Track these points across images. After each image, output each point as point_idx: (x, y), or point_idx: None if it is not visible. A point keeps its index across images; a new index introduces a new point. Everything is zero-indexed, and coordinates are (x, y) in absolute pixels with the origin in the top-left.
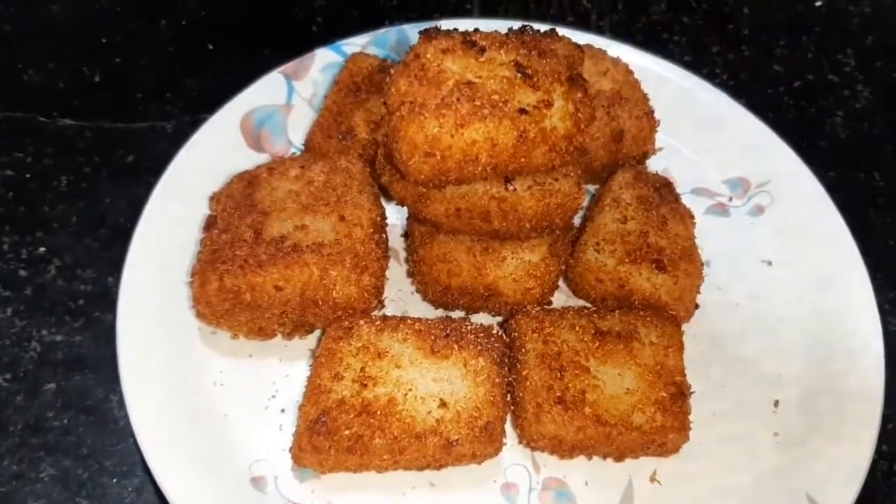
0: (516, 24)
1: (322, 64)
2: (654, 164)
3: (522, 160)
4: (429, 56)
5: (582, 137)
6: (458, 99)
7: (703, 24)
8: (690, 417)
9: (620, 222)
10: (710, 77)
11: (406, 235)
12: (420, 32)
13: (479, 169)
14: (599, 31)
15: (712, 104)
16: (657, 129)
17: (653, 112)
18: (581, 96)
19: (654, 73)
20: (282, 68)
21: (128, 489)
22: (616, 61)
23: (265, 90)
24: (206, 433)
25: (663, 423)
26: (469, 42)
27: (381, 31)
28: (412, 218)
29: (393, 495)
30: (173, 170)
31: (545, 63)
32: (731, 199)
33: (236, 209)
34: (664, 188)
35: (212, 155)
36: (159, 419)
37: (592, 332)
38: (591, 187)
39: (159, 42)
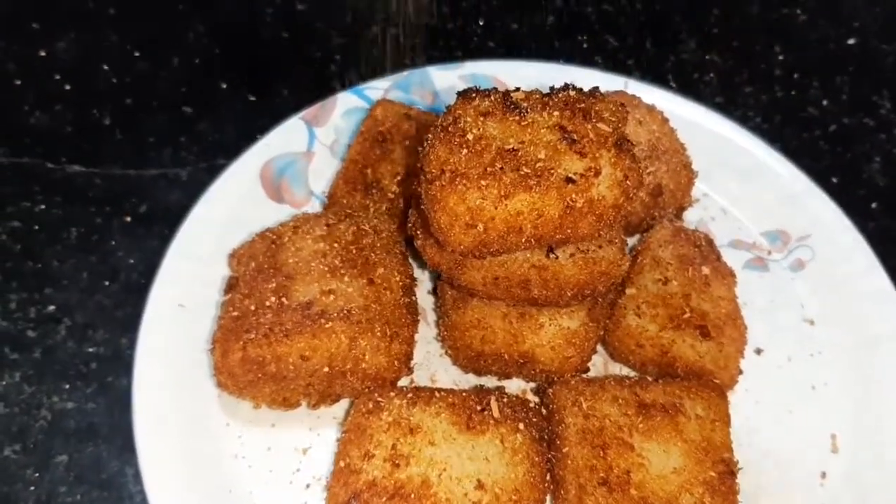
0: (550, 74)
1: (344, 109)
2: (689, 215)
3: (568, 231)
4: (468, 120)
5: (630, 205)
6: (501, 168)
7: (734, 63)
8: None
9: (661, 283)
10: (743, 120)
11: (435, 292)
12: (458, 94)
13: (523, 240)
14: (627, 72)
15: (749, 151)
16: (694, 182)
17: (691, 164)
18: (629, 163)
19: (686, 118)
20: (302, 114)
21: None
22: (651, 109)
23: (285, 137)
24: None
25: None
26: (510, 104)
27: (404, 73)
28: (445, 281)
29: None
30: (190, 225)
31: (591, 127)
32: (770, 252)
33: (259, 272)
34: (705, 246)
35: (230, 207)
36: (178, 496)
37: (636, 405)
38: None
39: (171, 82)
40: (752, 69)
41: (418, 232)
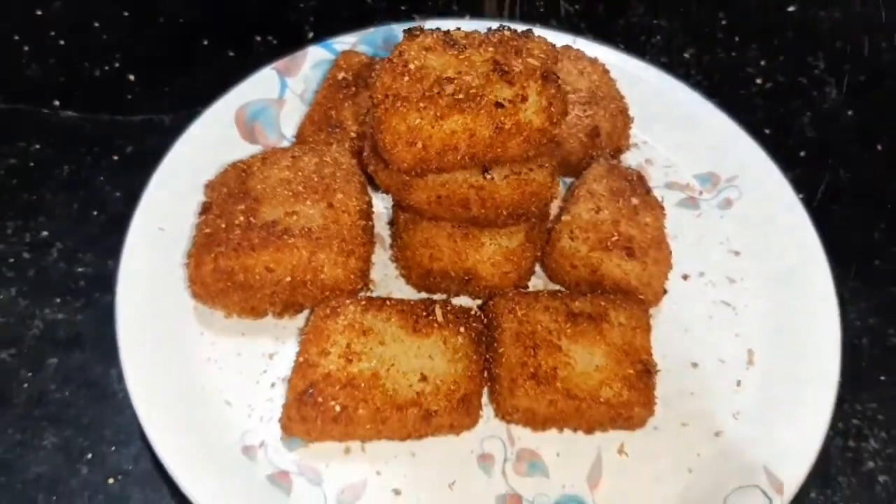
0: (495, 24)
1: (313, 61)
2: (628, 160)
3: (498, 150)
4: (412, 53)
5: (555, 130)
6: (438, 93)
7: (679, 27)
8: (656, 394)
9: (594, 212)
10: (685, 78)
11: (392, 223)
12: (404, 31)
13: (458, 158)
14: (579, 32)
15: (685, 102)
16: (631, 125)
17: (627, 110)
18: (554, 92)
19: (629, 72)
20: (275, 64)
21: (126, 457)
22: (593, 61)
23: (259, 85)
24: (200, 406)
25: (629, 398)
26: (449, 40)
27: (370, 30)
28: (397, 206)
29: (376, 463)
30: (170, 160)
31: (521, 61)
32: (701, 192)
33: (230, 196)
34: (636, 181)
35: (207, 146)
36: (156, 393)
37: (565, 313)
38: (569, 180)
39: (156, 39)
40: (695, 33)
41: (371, 159)
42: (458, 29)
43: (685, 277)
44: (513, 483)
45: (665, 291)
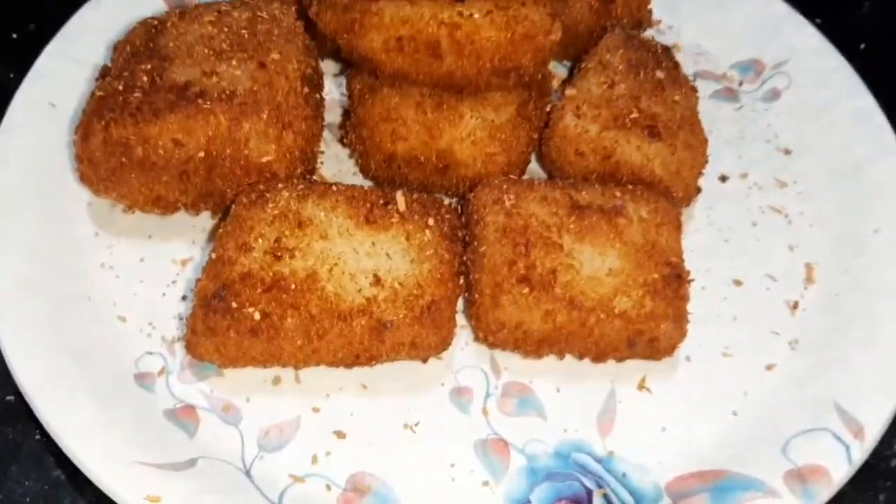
0: None
1: None
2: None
3: None
4: None
5: None
6: None
7: None
8: (689, 315)
9: (607, 86)
10: None
11: (348, 112)
12: None
13: None
14: None
15: None
16: None
17: None
18: None
19: None
20: None
21: None
22: None
23: None
24: (81, 321)
25: (654, 309)
26: None
27: None
28: (351, 72)
29: (313, 397)
30: (72, 24)
31: None
32: (741, 83)
33: (134, 55)
34: (661, 53)
35: (120, 11)
36: (23, 301)
37: (568, 205)
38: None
39: None
40: None
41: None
42: None
43: (723, 179)
44: (496, 425)
45: (699, 189)
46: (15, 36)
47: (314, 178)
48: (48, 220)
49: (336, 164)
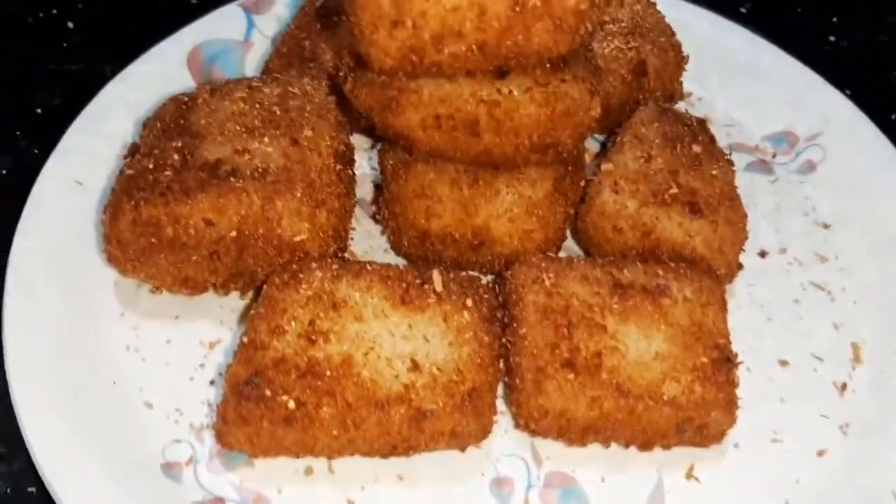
0: None
1: None
2: None
3: (519, 38)
4: None
5: (596, 16)
6: None
7: None
8: (738, 397)
9: (644, 160)
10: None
11: (379, 187)
12: None
13: (464, 48)
14: None
15: (747, 49)
16: (686, 66)
17: (679, 46)
18: None
19: (674, 16)
20: (241, 0)
21: (4, 476)
22: None
23: (220, 23)
24: (106, 407)
25: (704, 395)
26: None
27: None
28: (384, 146)
29: (347, 489)
30: (100, 100)
31: None
32: (774, 155)
33: (164, 132)
34: (697, 127)
35: (149, 88)
36: (45, 385)
37: (610, 284)
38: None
39: None
40: None
41: (349, 76)
42: None
43: (763, 254)
44: None
45: (740, 266)
46: (40, 111)
47: (345, 255)
48: (73, 300)
49: (367, 239)
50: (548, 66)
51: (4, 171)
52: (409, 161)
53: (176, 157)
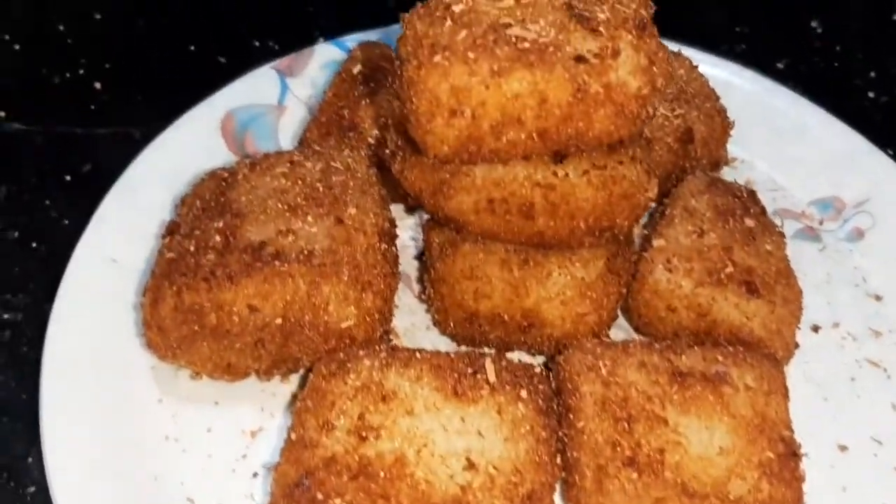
0: None
1: (323, 60)
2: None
3: (580, 125)
4: None
5: (657, 100)
6: (495, 40)
7: (768, 34)
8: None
9: (696, 235)
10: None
11: (421, 257)
12: None
13: (523, 136)
14: None
15: (789, 110)
16: (731, 133)
17: (725, 111)
18: (654, 47)
19: (715, 76)
20: (275, 63)
21: None
22: (677, 54)
23: (253, 87)
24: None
25: (771, 493)
26: None
27: (394, 27)
28: (430, 222)
29: None
30: (134, 171)
31: (606, 7)
32: (821, 221)
33: (205, 211)
34: (747, 198)
35: (182, 157)
36: (88, 485)
37: (669, 372)
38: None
39: (131, 42)
40: (787, 40)
41: (396, 154)
42: None
43: (815, 329)
44: None
45: (796, 345)
46: (69, 178)
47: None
48: (110, 385)
49: (409, 315)
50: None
51: (34, 244)
52: (456, 240)
53: (218, 238)
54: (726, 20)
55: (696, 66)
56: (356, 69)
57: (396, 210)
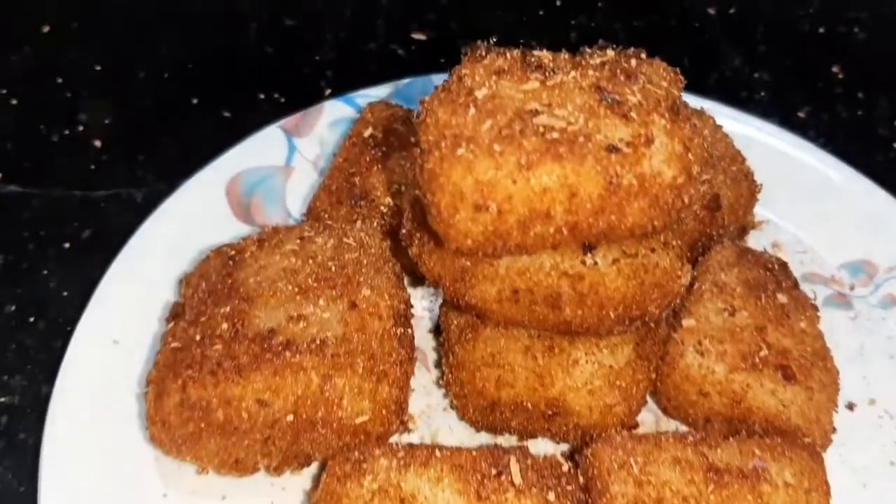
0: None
1: (331, 118)
2: (751, 244)
3: (612, 218)
4: (477, 78)
5: (693, 189)
6: (521, 131)
7: (787, 80)
8: None
9: (728, 314)
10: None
11: (437, 330)
12: (463, 51)
13: (552, 230)
14: None
15: (817, 168)
16: (758, 197)
17: (752, 174)
18: (690, 132)
19: (739, 133)
20: (281, 122)
21: None
22: (700, 113)
23: (259, 148)
24: None
25: None
26: (531, 62)
27: (405, 81)
28: (448, 305)
29: None
30: (136, 242)
31: (637, 89)
32: (852, 287)
33: (211, 294)
34: (778, 270)
35: (187, 226)
36: None
37: (704, 468)
38: None
39: (133, 97)
40: (808, 87)
41: (414, 236)
42: (540, 49)
43: (850, 407)
44: None
45: (834, 430)
46: (67, 245)
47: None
48: (113, 480)
49: (424, 396)
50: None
51: (32, 319)
52: (476, 324)
53: (225, 325)
54: (745, 64)
55: (721, 127)
56: (367, 132)
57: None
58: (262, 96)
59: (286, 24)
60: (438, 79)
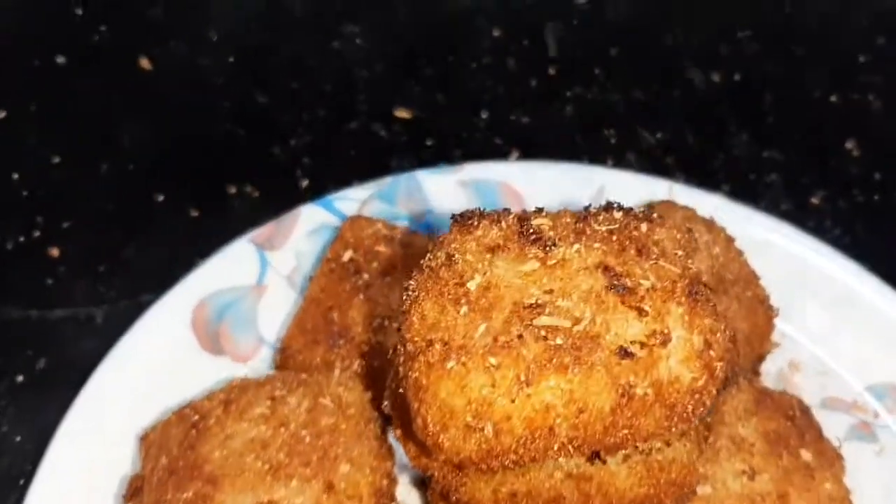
0: (573, 177)
1: (308, 227)
2: (764, 366)
3: (624, 431)
4: (469, 259)
5: (715, 389)
6: (520, 336)
7: (799, 160)
8: None
9: (747, 477)
10: (818, 232)
11: (422, 483)
12: (453, 219)
13: (556, 447)
14: (667, 172)
15: (838, 277)
16: (775, 324)
17: (768, 298)
18: (710, 321)
19: (752, 236)
20: (252, 235)
21: None
22: (711, 225)
23: (228, 266)
24: None
25: None
26: (528, 232)
27: (387, 180)
28: (436, 491)
29: None
30: (91, 392)
31: (649, 267)
32: (877, 415)
33: (172, 473)
34: (800, 416)
35: (150, 364)
36: None
37: None
38: None
39: (94, 194)
40: (822, 168)
41: (399, 420)
42: (541, 211)
43: None
44: None
45: None
46: (21, 378)
47: None
48: None
49: None
50: None
51: None
52: None
53: None
54: (753, 141)
55: (732, 239)
56: (346, 255)
57: None
58: (233, 190)
59: (259, 102)
60: (424, 176)
